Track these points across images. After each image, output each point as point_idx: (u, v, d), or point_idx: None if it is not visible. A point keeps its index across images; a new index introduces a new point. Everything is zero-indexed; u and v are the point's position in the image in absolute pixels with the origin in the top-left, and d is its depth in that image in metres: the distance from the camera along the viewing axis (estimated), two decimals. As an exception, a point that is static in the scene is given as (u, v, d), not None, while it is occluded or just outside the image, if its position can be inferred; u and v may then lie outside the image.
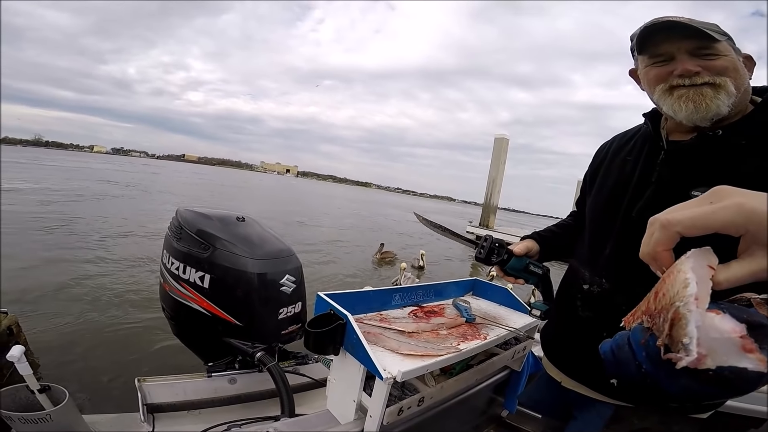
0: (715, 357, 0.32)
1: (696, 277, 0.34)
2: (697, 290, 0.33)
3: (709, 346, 0.32)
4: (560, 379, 1.00)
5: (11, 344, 1.93)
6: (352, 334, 0.76)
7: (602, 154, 1.03)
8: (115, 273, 4.81)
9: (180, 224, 1.54)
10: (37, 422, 1.03)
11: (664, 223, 0.36)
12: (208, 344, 1.59)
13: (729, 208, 0.32)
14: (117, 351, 2.96)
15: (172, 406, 1.36)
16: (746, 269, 0.32)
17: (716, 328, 0.32)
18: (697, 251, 0.35)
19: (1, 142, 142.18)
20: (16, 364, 1.03)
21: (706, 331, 0.32)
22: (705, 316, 0.32)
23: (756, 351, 0.31)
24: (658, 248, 0.36)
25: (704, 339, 0.32)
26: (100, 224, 7.75)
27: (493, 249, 0.95)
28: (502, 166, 16.99)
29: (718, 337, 0.32)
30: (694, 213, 0.34)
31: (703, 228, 0.33)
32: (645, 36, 0.79)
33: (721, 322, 0.32)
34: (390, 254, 8.10)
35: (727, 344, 0.32)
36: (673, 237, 0.35)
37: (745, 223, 0.31)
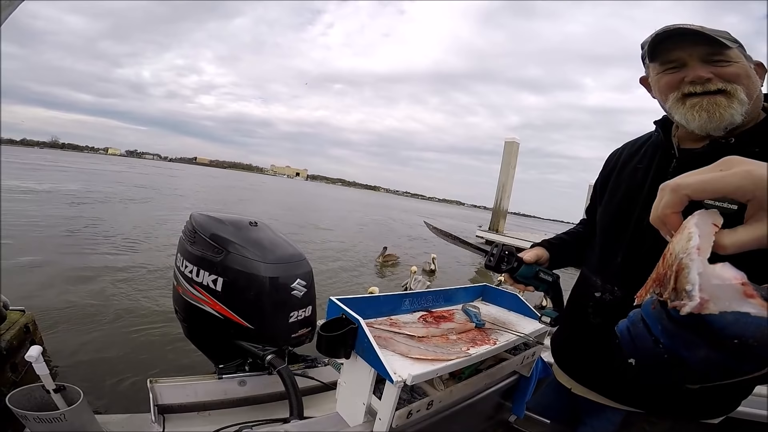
0: (717, 302, 0.33)
1: (699, 231, 0.35)
2: (699, 242, 0.34)
3: (711, 292, 0.33)
4: (570, 385, 1.00)
5: (28, 342, 1.98)
6: (363, 338, 0.77)
7: (613, 161, 1.03)
8: (132, 274, 4.90)
9: (194, 228, 1.57)
10: (51, 422, 1.06)
11: (673, 186, 0.36)
12: (219, 346, 1.62)
13: (738, 174, 0.33)
14: (129, 351, 3.01)
15: (182, 407, 1.39)
16: (752, 234, 0.33)
17: (718, 275, 0.33)
18: (703, 211, 0.36)
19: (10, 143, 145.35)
20: (34, 364, 1.06)
21: (708, 278, 0.33)
22: (706, 265, 0.33)
23: (757, 297, 0.32)
24: (666, 211, 0.37)
25: (706, 285, 0.33)
26: (120, 226, 7.91)
27: (502, 257, 0.96)
28: (512, 170, 16.90)
29: (720, 284, 0.33)
30: (703, 177, 0.35)
31: (711, 192, 0.34)
32: (656, 43, 0.79)
33: (722, 270, 0.33)
34: (393, 257, 8.13)
35: (729, 290, 0.33)
36: (682, 200, 0.36)
37: (753, 188, 0.32)
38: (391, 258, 8.06)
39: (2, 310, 1.58)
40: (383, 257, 7.94)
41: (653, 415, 0.86)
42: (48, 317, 3.16)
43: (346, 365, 0.87)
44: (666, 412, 0.84)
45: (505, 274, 0.99)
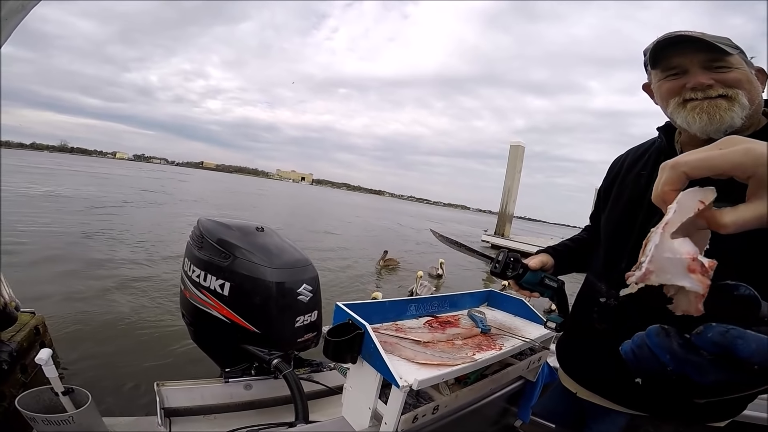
0: (660, 274, 0.34)
1: (677, 207, 0.35)
2: (670, 217, 0.35)
3: (658, 264, 0.34)
4: (575, 389, 1.00)
5: (37, 343, 2.00)
6: (369, 343, 0.78)
7: (617, 168, 1.04)
8: (142, 278, 4.94)
9: (201, 233, 1.59)
10: (59, 424, 1.07)
11: (672, 164, 0.36)
12: (225, 350, 1.63)
13: (737, 151, 0.33)
14: (136, 354, 3.03)
15: (188, 410, 1.40)
16: (753, 212, 0.33)
17: (672, 248, 0.34)
18: (696, 188, 0.36)
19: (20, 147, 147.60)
20: (43, 367, 1.07)
21: (662, 251, 0.34)
22: (665, 239, 0.34)
23: (698, 272, 0.33)
24: (666, 188, 0.37)
25: (657, 258, 0.34)
26: (134, 230, 8.00)
27: (508, 263, 0.96)
28: (518, 174, 16.87)
29: (670, 257, 0.34)
30: (702, 155, 0.35)
31: (710, 169, 0.34)
32: (657, 50, 0.80)
33: (679, 245, 0.34)
34: (393, 261, 8.11)
35: (676, 263, 0.34)
36: (680, 177, 0.36)
37: (752, 165, 0.32)
38: (391, 262, 8.03)
39: (14, 312, 1.60)
40: (384, 261, 7.91)
41: (658, 418, 0.86)
42: (57, 319, 3.19)
43: (352, 370, 0.88)
44: (671, 415, 0.83)
45: (510, 281, 0.99)
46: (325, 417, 1.33)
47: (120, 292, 4.33)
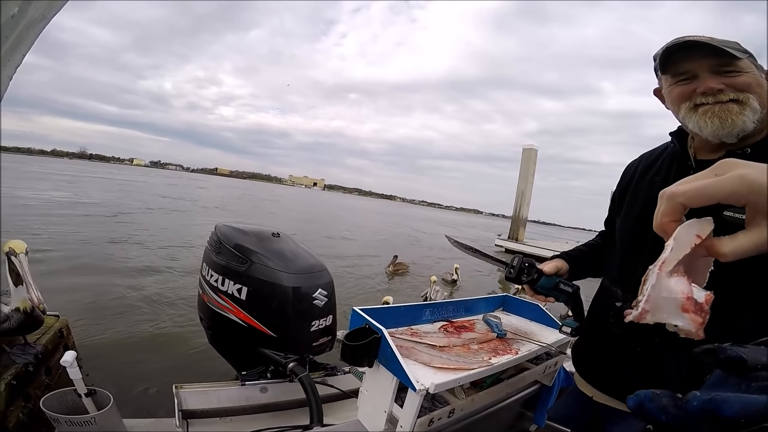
0: (656, 313, 0.36)
1: (674, 244, 0.36)
2: (666, 255, 0.36)
3: (654, 304, 0.36)
4: (591, 393, 1.00)
5: (61, 346, 2.05)
6: (386, 347, 0.79)
7: (630, 173, 1.04)
8: (163, 282, 5.04)
9: (219, 239, 1.62)
10: (81, 425, 1.10)
11: (668, 195, 0.37)
12: (242, 353, 1.66)
13: (731, 179, 0.33)
14: (154, 356, 3.08)
15: (205, 412, 1.43)
16: (751, 240, 0.33)
17: (668, 288, 0.36)
18: (694, 221, 0.37)
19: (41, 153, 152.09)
20: (68, 369, 1.11)
21: (658, 290, 0.36)
22: (662, 278, 0.36)
23: (691, 312, 0.35)
24: (664, 219, 0.38)
25: (653, 297, 0.36)
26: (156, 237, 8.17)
27: (523, 269, 0.96)
28: (531, 178, 16.68)
29: (666, 296, 0.36)
30: (697, 185, 0.35)
31: (706, 198, 0.34)
32: (667, 56, 0.80)
33: (675, 284, 0.35)
34: (403, 266, 8.03)
35: (670, 303, 0.35)
36: (678, 208, 0.36)
37: (747, 193, 0.32)
38: (401, 267, 7.95)
39: (41, 315, 1.64)
40: (393, 266, 7.84)
41: None
42: (79, 322, 3.26)
43: (369, 374, 0.89)
44: None
45: (525, 286, 1.00)
46: (339, 420, 1.34)
47: (141, 296, 4.40)
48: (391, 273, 7.71)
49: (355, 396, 1.57)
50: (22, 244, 1.45)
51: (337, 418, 1.45)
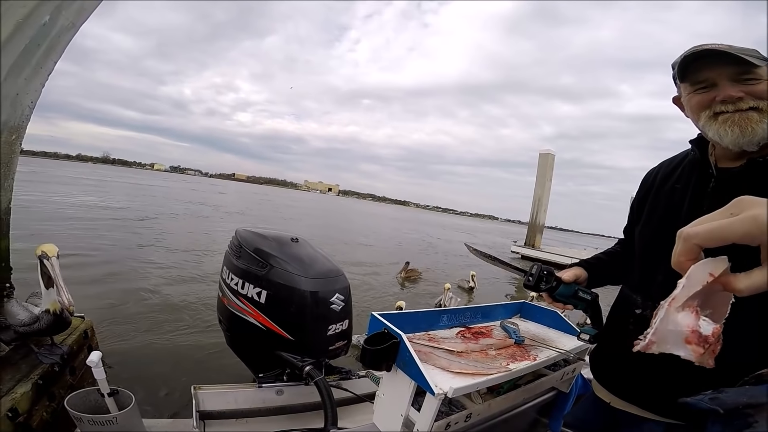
0: (661, 345, 0.40)
1: (686, 282, 0.39)
2: (677, 292, 0.39)
3: (661, 336, 0.39)
4: (609, 399, 1.00)
5: (85, 347, 2.10)
6: (405, 352, 0.80)
7: (649, 181, 1.04)
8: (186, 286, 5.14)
9: (240, 243, 1.66)
10: (103, 424, 1.12)
11: (684, 236, 0.39)
12: (259, 356, 1.69)
13: (744, 220, 0.34)
14: (172, 357, 3.14)
15: (222, 413, 1.45)
16: (765, 277, 0.34)
17: (675, 322, 0.39)
18: (709, 260, 0.39)
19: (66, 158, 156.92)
20: (93, 369, 1.13)
21: (666, 324, 0.39)
22: (671, 312, 0.39)
23: (693, 343, 0.37)
24: (681, 259, 0.40)
25: (660, 330, 0.39)
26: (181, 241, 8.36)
27: (541, 276, 0.97)
28: (548, 183, 16.45)
29: (672, 329, 0.39)
30: (711, 226, 0.36)
31: (720, 240, 0.36)
32: (685, 64, 0.80)
33: (682, 318, 0.38)
34: (415, 272, 7.96)
35: (675, 335, 0.38)
36: (693, 249, 0.38)
37: (759, 234, 0.33)
38: (413, 273, 7.88)
39: (69, 316, 1.69)
40: (405, 272, 7.77)
41: (694, 427, 0.84)
42: (102, 323, 3.35)
43: (386, 378, 0.90)
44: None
45: (544, 293, 1.00)
46: (353, 424, 1.35)
47: (164, 298, 4.50)
48: (403, 279, 7.65)
49: (369, 400, 1.58)
50: (54, 248, 1.50)
51: (351, 422, 1.45)
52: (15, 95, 1.81)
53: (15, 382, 1.47)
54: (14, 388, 1.44)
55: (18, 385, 1.46)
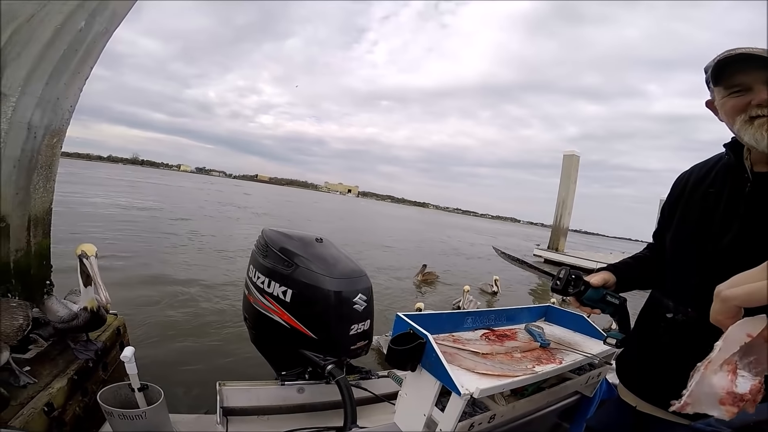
0: (696, 405, 0.41)
1: (722, 345, 0.40)
2: (714, 355, 0.41)
3: (696, 398, 0.41)
4: (635, 403, 1.00)
5: (117, 343, 2.18)
6: (431, 352, 0.81)
7: (681, 185, 1.03)
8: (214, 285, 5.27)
9: (266, 243, 1.70)
10: (132, 419, 1.15)
11: (722, 298, 0.40)
12: (282, 354, 1.72)
13: None
14: (197, 353, 3.23)
15: (244, 410, 1.47)
16: None
17: (710, 384, 0.40)
18: (747, 320, 0.40)
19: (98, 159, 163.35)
20: (126, 364, 1.16)
21: (701, 386, 0.41)
22: (706, 376, 0.40)
23: (728, 404, 0.39)
24: (719, 317, 0.41)
25: (696, 391, 0.41)
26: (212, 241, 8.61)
27: (569, 280, 0.97)
28: (573, 185, 16.06)
29: (707, 392, 0.40)
30: (751, 289, 0.37)
31: (758, 301, 0.37)
32: (719, 68, 0.79)
33: (717, 380, 0.40)
34: (432, 275, 7.88)
35: (710, 397, 0.40)
36: (732, 310, 0.39)
37: None
38: (430, 276, 7.81)
39: (105, 314, 1.75)
40: (422, 275, 7.70)
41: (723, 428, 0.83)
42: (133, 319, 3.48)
43: (410, 378, 0.91)
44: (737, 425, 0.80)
45: (571, 297, 1.00)
46: (371, 423, 1.36)
47: (192, 297, 4.63)
48: (420, 282, 7.61)
49: (387, 400, 1.59)
50: (93, 247, 1.55)
51: (369, 421, 1.45)
52: (56, 99, 1.89)
53: (52, 377, 1.52)
54: (51, 383, 1.48)
55: (55, 380, 1.51)
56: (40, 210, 1.97)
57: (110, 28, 2.08)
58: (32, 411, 1.32)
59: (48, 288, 2.04)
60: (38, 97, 1.79)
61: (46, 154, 1.92)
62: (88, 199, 12.84)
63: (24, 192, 1.84)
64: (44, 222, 2.02)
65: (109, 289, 1.59)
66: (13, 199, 1.78)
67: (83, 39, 1.93)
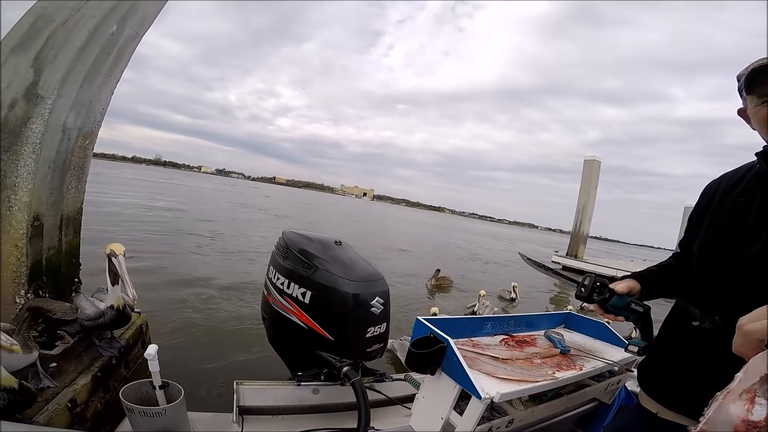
0: None
1: (742, 376, 0.42)
2: (734, 386, 0.42)
3: (712, 424, 0.43)
4: (656, 410, 0.99)
5: (140, 341, 2.21)
6: (452, 356, 0.82)
7: (710, 194, 1.02)
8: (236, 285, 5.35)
9: (286, 244, 1.73)
10: (152, 416, 1.17)
11: (744, 331, 0.43)
12: (298, 354, 1.73)
13: None
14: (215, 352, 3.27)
15: (260, 409, 1.49)
16: None
17: (727, 411, 0.42)
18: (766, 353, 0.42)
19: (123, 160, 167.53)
20: (149, 361, 1.18)
21: (718, 414, 0.42)
22: (724, 405, 0.42)
23: None
24: (741, 349, 0.43)
25: (713, 419, 0.43)
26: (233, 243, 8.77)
27: (594, 287, 0.97)
28: (594, 191, 15.72)
29: (724, 419, 0.42)
30: None
31: None
32: (753, 76, 0.79)
33: (734, 409, 0.41)
34: (446, 280, 7.81)
35: (726, 424, 0.41)
36: (754, 342, 0.42)
37: None
38: (444, 281, 7.75)
39: (130, 312, 1.75)
40: (436, 280, 7.63)
41: None
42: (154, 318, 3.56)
43: (428, 381, 0.91)
44: None
45: (594, 304, 0.99)
46: (384, 426, 1.36)
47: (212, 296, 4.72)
48: (433, 287, 7.55)
49: (400, 403, 1.59)
50: (121, 247, 1.60)
51: (382, 424, 1.46)
52: (89, 102, 1.95)
53: (77, 373, 1.55)
54: (76, 379, 1.52)
55: (79, 376, 1.54)
56: (71, 210, 2.03)
57: (140, 32, 2.14)
58: (57, 407, 1.35)
59: (76, 286, 2.09)
60: (73, 99, 1.85)
61: (79, 156, 1.98)
62: (117, 200, 13.23)
63: (57, 192, 1.91)
64: (75, 221, 2.08)
65: (134, 287, 1.63)
66: (47, 199, 1.84)
67: (115, 43, 2.00)
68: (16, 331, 1.36)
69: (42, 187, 1.80)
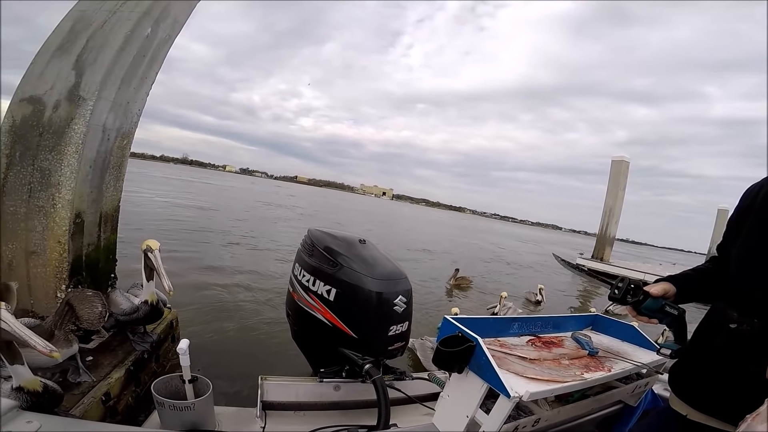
0: None
1: None
2: (763, 408, 0.47)
3: None
4: (686, 412, 0.97)
5: (170, 336, 2.27)
6: (481, 355, 0.82)
7: (750, 198, 1.00)
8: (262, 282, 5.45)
9: (312, 242, 1.76)
10: (182, 410, 1.21)
11: None
12: (322, 351, 1.76)
13: None
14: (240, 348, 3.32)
15: (282, 405, 1.51)
16: None
17: (754, 429, 0.46)
18: None
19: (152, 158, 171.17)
20: (180, 355, 1.21)
21: None
22: (753, 425, 0.46)
23: None
24: None
25: None
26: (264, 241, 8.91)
27: (629, 290, 0.96)
28: (621, 193, 15.18)
29: None
30: None
31: None
32: None
33: (762, 429, 0.45)
34: (466, 280, 7.70)
35: None
36: None
37: None
38: (463, 281, 7.64)
39: (162, 307, 1.81)
40: (455, 280, 7.54)
41: None
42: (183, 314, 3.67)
43: (454, 380, 0.92)
44: None
45: (627, 307, 0.99)
46: (403, 424, 1.36)
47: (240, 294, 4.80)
48: (452, 287, 7.49)
49: (420, 402, 1.59)
50: (157, 243, 1.67)
51: (401, 422, 1.46)
52: (126, 103, 2.03)
53: (111, 367, 1.60)
54: (110, 373, 1.57)
55: (114, 370, 1.59)
56: (110, 207, 2.12)
57: (172, 34, 2.22)
58: (92, 400, 1.40)
59: (112, 281, 2.16)
60: (112, 101, 1.93)
61: (117, 155, 2.07)
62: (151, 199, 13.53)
63: (97, 190, 1.99)
64: (113, 218, 2.17)
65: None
66: (88, 197, 1.93)
67: (150, 45, 2.07)
68: (58, 326, 1.41)
69: (83, 185, 1.88)
